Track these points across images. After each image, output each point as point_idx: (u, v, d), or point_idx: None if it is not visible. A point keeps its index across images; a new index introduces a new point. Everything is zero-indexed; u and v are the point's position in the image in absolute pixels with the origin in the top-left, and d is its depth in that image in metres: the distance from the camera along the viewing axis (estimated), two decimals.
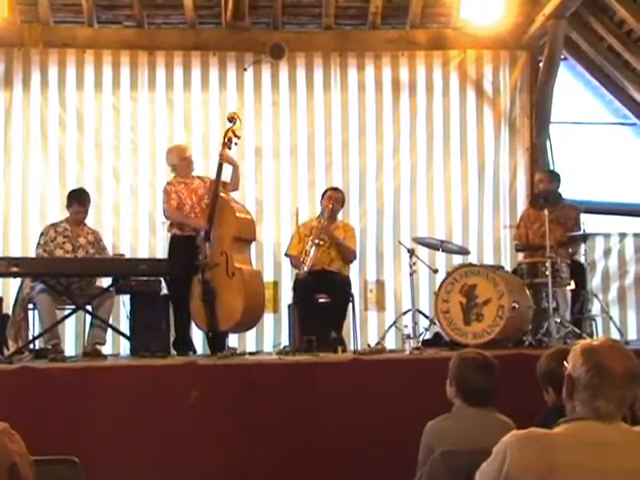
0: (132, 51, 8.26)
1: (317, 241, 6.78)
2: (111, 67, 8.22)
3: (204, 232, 6.49)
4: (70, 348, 7.31)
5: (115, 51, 8.23)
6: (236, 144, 6.89)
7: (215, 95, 8.33)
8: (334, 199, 7.19)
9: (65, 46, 8.19)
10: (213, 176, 6.82)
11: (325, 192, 7.33)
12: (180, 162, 6.86)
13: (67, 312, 6.50)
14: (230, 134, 6.80)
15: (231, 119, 6.87)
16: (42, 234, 6.74)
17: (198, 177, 6.97)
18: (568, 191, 7.61)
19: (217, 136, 7.72)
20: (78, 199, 6.81)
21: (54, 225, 6.80)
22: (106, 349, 6.76)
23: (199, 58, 8.33)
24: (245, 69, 8.34)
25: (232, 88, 8.37)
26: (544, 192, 7.06)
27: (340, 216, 7.49)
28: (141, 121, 8.26)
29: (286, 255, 7.36)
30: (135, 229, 8.13)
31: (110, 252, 7.10)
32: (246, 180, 8.13)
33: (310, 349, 6.09)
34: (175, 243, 6.78)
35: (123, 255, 7.16)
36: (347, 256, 7.15)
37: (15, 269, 6.04)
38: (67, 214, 6.84)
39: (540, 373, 3.41)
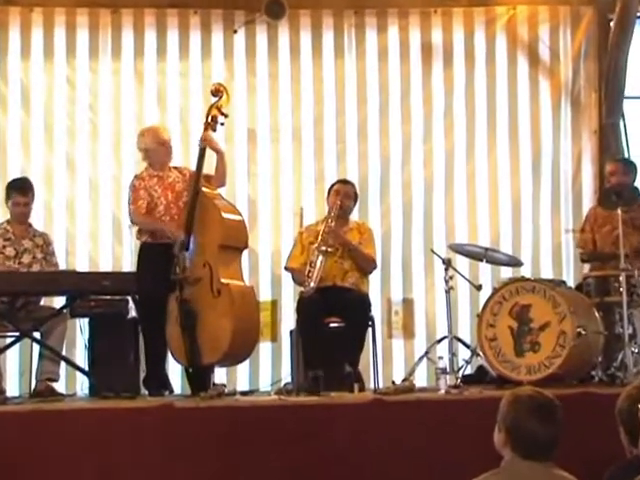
0: (91, 9, 8.24)
1: (324, 248, 6.77)
2: (65, 30, 8.22)
3: (181, 240, 6.48)
4: (13, 387, 7.28)
5: (70, 9, 8.23)
6: (222, 124, 6.89)
7: (197, 65, 8.34)
8: (343, 194, 7.18)
9: (7, 3, 8.19)
10: (194, 167, 6.81)
11: (331, 187, 7.34)
12: (157, 147, 6.84)
13: (9, 341, 6.50)
14: (214, 112, 6.80)
15: (216, 92, 6.87)
16: None
17: (175, 168, 6.98)
18: None
19: (199, 116, 7.71)
20: (19, 188, 6.84)
21: None
22: (60, 387, 6.75)
23: (176, 17, 8.33)
24: (235, 31, 8.34)
25: (218, 56, 8.37)
26: (617, 187, 7.04)
27: (356, 216, 7.48)
28: (103, 98, 8.25)
29: (286, 269, 7.37)
30: (95, 234, 8.12)
31: (62, 264, 7.10)
32: (236, 172, 8.12)
33: (318, 388, 6.07)
34: (146, 253, 6.78)
35: None
36: (365, 265, 7.14)
37: None
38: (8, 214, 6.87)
39: (616, 414, 3.41)
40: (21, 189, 6.84)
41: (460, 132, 8.50)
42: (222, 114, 6.84)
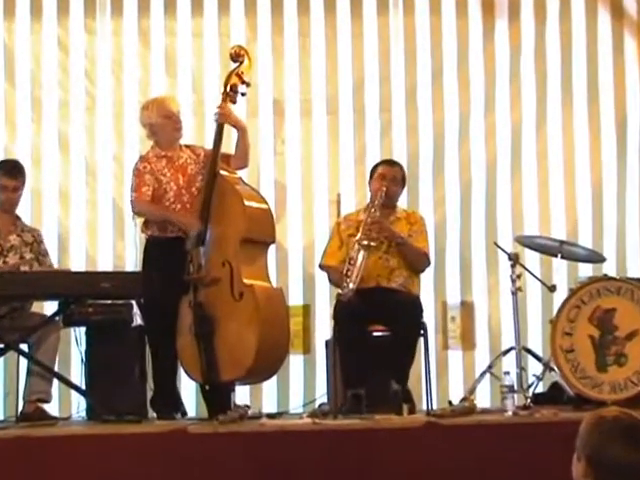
0: None
1: (366, 242, 6.76)
2: None
3: (196, 232, 6.51)
4: None
5: None
6: (244, 95, 6.94)
7: (212, 23, 8.37)
8: (390, 178, 7.16)
9: None
10: (209, 145, 6.84)
11: (374, 168, 7.31)
12: (163, 121, 6.86)
13: None
14: (234, 80, 6.83)
15: (236, 57, 6.91)
16: None
17: (187, 147, 7.01)
18: None
19: (215, 84, 7.75)
20: (7, 170, 6.86)
21: None
22: (52, 409, 6.79)
23: None
24: None
25: (238, 12, 8.39)
26: None
27: (404, 203, 7.47)
28: (101, 63, 8.31)
29: (321, 267, 7.37)
30: (93, 227, 8.17)
31: (54, 263, 7.15)
32: (261, 152, 8.15)
33: (360, 409, 6.08)
34: (153, 249, 6.82)
35: None
36: (416, 262, 7.13)
37: None
38: None
39: None
40: (9, 170, 6.86)
41: (529, 101, 8.48)
42: (243, 82, 6.86)
